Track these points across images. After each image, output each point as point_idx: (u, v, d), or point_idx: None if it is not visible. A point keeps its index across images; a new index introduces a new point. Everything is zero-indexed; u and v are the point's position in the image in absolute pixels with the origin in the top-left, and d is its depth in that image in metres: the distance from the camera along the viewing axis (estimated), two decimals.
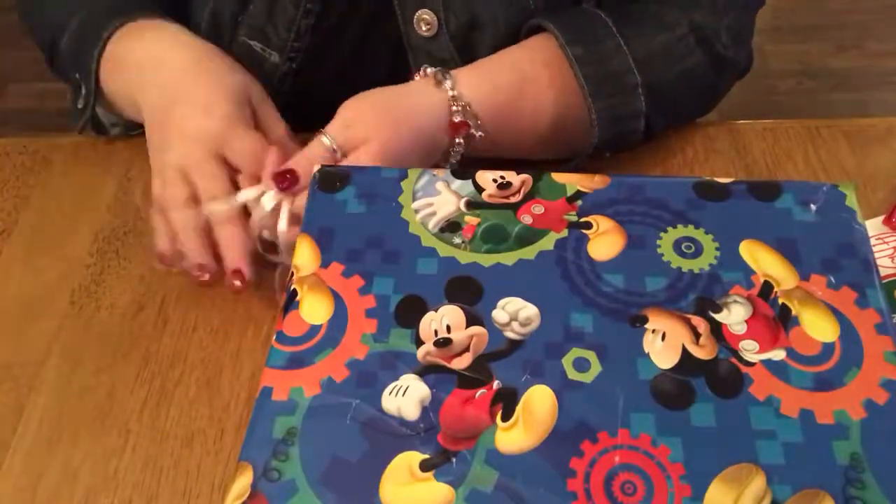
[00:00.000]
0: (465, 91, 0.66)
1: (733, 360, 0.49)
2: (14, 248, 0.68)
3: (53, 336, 0.62)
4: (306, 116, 0.68)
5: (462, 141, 0.65)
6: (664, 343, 0.50)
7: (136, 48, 0.68)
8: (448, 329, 0.51)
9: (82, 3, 0.73)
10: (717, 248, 0.54)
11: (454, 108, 0.65)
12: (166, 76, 0.65)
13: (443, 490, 0.45)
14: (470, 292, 0.53)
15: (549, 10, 0.72)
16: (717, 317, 0.51)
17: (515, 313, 0.52)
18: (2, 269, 0.67)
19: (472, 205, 0.57)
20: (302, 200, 0.60)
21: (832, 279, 0.52)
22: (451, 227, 0.56)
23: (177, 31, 0.69)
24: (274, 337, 0.51)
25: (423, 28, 0.72)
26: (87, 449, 0.56)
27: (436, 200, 0.58)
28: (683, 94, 0.73)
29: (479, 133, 0.66)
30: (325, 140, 0.63)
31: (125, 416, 0.57)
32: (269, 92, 0.73)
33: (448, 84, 0.65)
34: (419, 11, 0.71)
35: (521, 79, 0.68)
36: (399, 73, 0.70)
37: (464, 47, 0.73)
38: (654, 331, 0.51)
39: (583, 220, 0.56)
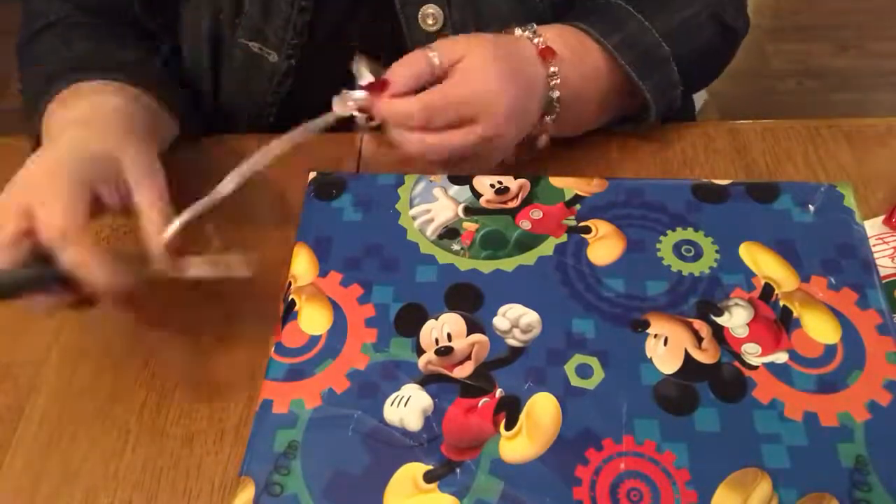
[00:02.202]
0: (546, 33, 0.67)
1: (736, 363, 0.49)
2: None
3: (53, 336, 0.62)
4: (308, 118, 0.68)
5: (556, 70, 0.65)
6: (666, 348, 0.50)
7: (51, 121, 0.67)
8: (449, 337, 0.51)
9: (58, 56, 0.73)
10: (716, 251, 0.54)
11: (537, 40, 0.66)
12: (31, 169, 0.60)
13: (447, 501, 0.45)
14: (470, 299, 0.52)
15: (554, 4, 0.72)
16: (719, 320, 0.51)
17: (516, 320, 0.51)
18: None
19: (471, 211, 0.57)
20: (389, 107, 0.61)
21: (832, 280, 0.52)
22: (450, 233, 0.56)
23: (86, 107, 0.67)
24: (272, 349, 0.51)
25: (430, 22, 0.72)
26: (87, 449, 0.56)
27: (433, 207, 0.58)
28: (699, 66, 0.75)
29: (559, 76, 0.66)
30: (429, 54, 0.62)
31: (125, 416, 0.57)
32: (269, 94, 0.74)
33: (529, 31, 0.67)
34: (424, 6, 0.72)
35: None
36: None
37: None
38: (656, 335, 0.50)
39: (582, 224, 0.56)
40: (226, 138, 0.76)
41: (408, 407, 0.48)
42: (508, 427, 0.47)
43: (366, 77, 0.61)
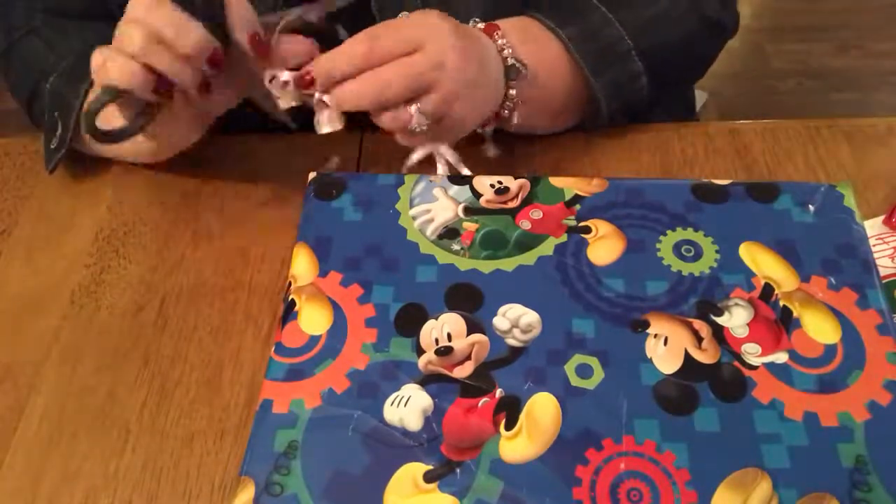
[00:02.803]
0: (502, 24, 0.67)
1: (736, 363, 0.49)
2: (14, 248, 0.69)
3: (53, 336, 0.62)
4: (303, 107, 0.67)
5: (504, 41, 0.64)
6: (666, 348, 0.50)
7: None
8: (449, 337, 0.51)
9: (73, 49, 0.73)
10: (716, 251, 0.54)
11: (481, 24, 0.66)
12: None
13: (447, 501, 0.45)
14: (470, 299, 0.52)
15: (526, 6, 0.72)
16: (719, 320, 0.51)
17: (516, 320, 0.51)
18: (2, 269, 0.67)
19: (471, 211, 0.57)
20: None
21: (832, 280, 0.52)
22: (450, 233, 0.56)
23: None
24: (272, 349, 0.51)
25: None
26: (87, 449, 0.56)
27: (433, 207, 0.58)
28: (679, 59, 0.75)
29: (509, 45, 0.65)
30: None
31: (125, 416, 0.57)
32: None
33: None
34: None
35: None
36: None
37: None
38: (656, 335, 0.50)
39: (582, 224, 0.56)
40: (223, 137, 0.76)
41: (408, 407, 0.48)
42: (508, 427, 0.47)
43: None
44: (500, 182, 0.59)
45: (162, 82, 0.58)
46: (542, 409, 0.47)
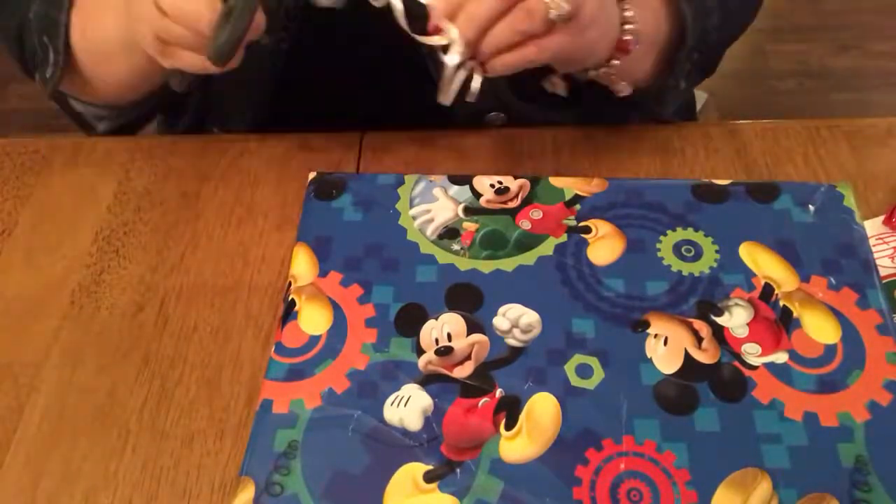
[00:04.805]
0: None
1: (736, 363, 0.49)
2: (14, 248, 0.68)
3: (53, 336, 0.62)
4: (302, 106, 0.66)
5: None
6: (666, 348, 0.50)
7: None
8: (449, 337, 0.51)
9: None
10: (716, 251, 0.54)
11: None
12: None
13: (447, 501, 0.45)
14: (470, 299, 0.52)
15: None
16: (719, 320, 0.51)
17: (516, 320, 0.51)
18: (2, 269, 0.67)
19: (471, 211, 0.57)
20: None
21: (832, 280, 0.52)
22: (450, 233, 0.56)
23: None
24: (272, 349, 0.51)
25: None
26: (87, 449, 0.56)
27: (433, 207, 0.58)
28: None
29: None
30: None
31: (125, 416, 0.57)
32: (264, 79, 0.72)
33: None
34: None
35: None
36: (394, 52, 0.69)
37: None
38: (656, 335, 0.50)
39: (582, 224, 0.56)
40: (223, 137, 0.76)
41: (408, 407, 0.48)
42: (508, 427, 0.47)
43: None
44: (500, 182, 0.59)
45: None
46: (542, 409, 0.47)
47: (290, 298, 0.54)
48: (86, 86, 0.74)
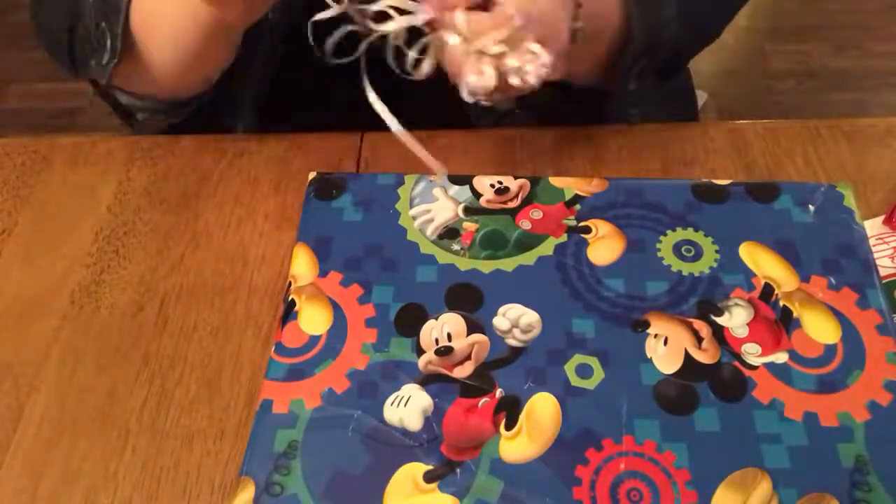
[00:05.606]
0: None
1: (736, 363, 0.49)
2: (14, 248, 0.68)
3: (53, 336, 0.62)
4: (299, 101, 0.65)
5: None
6: (666, 348, 0.50)
7: None
8: (449, 337, 0.51)
9: None
10: (717, 251, 0.54)
11: None
12: None
13: (447, 501, 0.45)
14: (470, 299, 0.52)
15: None
16: (719, 320, 0.51)
17: (516, 320, 0.51)
18: (2, 269, 0.67)
19: (471, 211, 0.57)
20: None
21: (832, 280, 0.52)
22: (450, 233, 0.56)
23: None
24: (272, 349, 0.51)
25: None
26: (87, 449, 0.56)
27: (433, 207, 0.58)
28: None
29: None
30: None
31: (125, 416, 0.57)
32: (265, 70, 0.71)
33: None
34: None
35: None
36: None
37: None
38: (656, 335, 0.50)
39: (582, 224, 0.56)
40: (223, 137, 0.76)
41: (408, 407, 0.48)
42: (508, 427, 0.47)
43: None
44: (500, 182, 0.59)
45: None
46: (542, 409, 0.47)
47: (290, 298, 0.54)
48: (141, 69, 0.72)
